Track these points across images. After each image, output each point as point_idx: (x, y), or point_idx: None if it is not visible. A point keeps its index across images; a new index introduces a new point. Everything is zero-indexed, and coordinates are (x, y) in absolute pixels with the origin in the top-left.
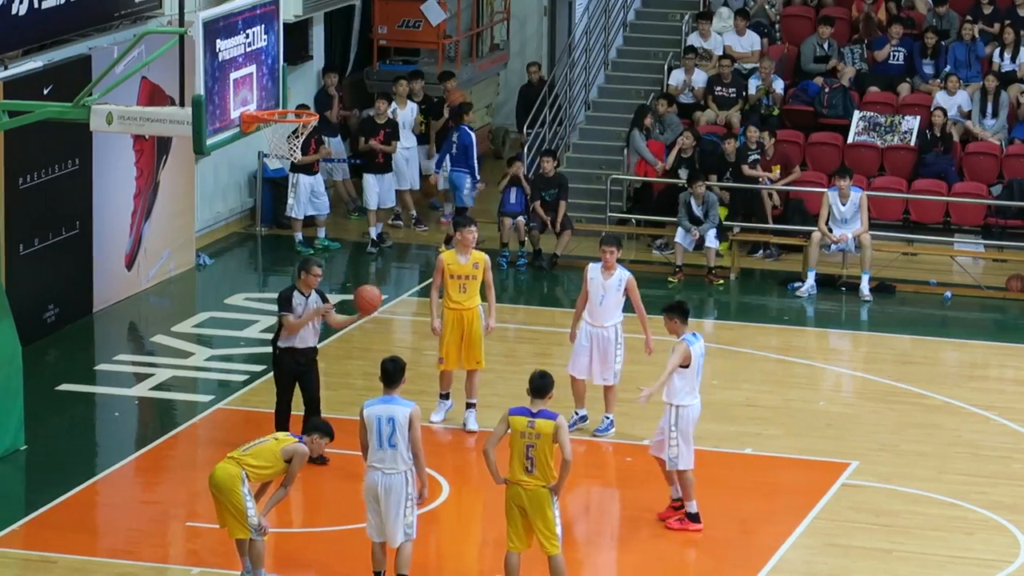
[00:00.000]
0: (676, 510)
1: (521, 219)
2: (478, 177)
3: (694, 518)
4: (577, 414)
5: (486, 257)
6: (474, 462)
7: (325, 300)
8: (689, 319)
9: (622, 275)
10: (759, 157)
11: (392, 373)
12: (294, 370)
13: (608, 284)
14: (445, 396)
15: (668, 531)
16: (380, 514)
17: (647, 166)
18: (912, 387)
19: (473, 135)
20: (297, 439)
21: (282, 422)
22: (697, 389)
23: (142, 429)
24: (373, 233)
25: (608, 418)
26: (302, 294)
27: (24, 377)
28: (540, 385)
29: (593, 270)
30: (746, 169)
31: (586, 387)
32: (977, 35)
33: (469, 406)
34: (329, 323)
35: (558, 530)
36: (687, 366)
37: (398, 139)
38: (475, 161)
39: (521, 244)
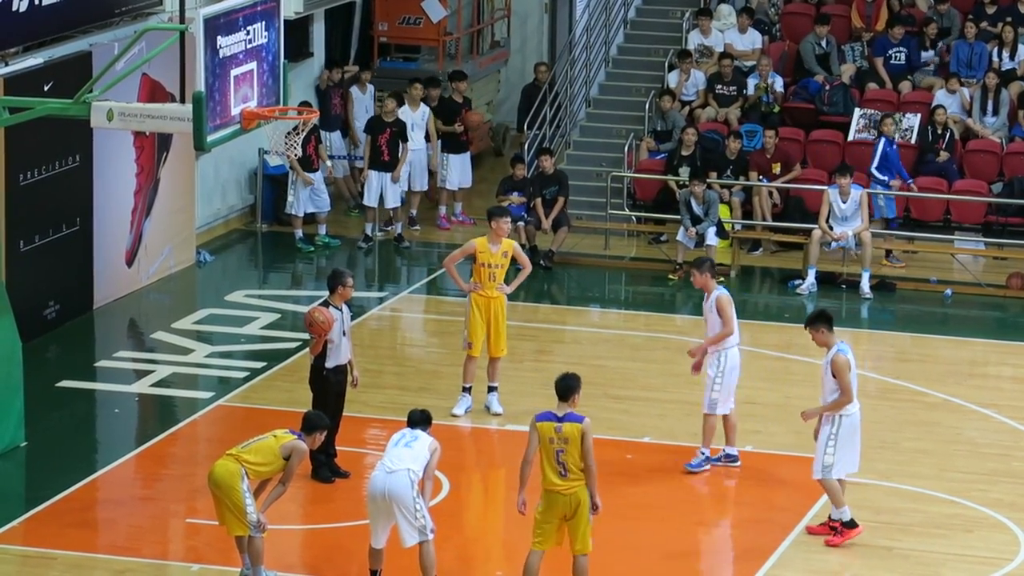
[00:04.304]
0: (832, 529)
1: (520, 223)
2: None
3: (850, 524)
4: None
5: (514, 243)
6: (473, 460)
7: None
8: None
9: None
10: None
11: (418, 420)
12: (338, 387)
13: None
14: (467, 390)
15: (667, 529)
16: (382, 518)
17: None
18: (912, 385)
19: (882, 143)
20: (296, 436)
21: (330, 443)
22: (856, 395)
23: (142, 426)
24: (368, 230)
25: (703, 453)
26: (337, 308)
27: (24, 373)
28: (562, 387)
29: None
30: None
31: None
32: (961, 34)
33: (491, 389)
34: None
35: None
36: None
37: (405, 140)
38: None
39: (523, 247)
